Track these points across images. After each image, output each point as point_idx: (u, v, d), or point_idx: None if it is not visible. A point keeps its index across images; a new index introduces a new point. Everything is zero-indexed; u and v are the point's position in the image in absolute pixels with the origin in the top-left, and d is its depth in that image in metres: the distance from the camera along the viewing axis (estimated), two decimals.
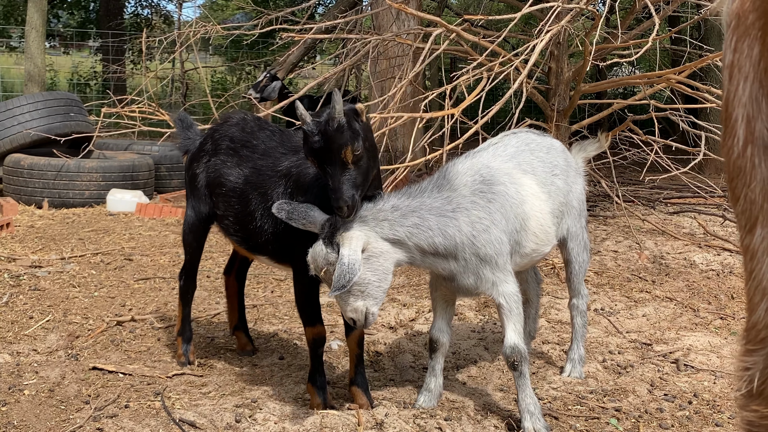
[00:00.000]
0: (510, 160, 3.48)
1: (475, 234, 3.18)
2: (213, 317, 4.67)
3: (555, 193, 3.55)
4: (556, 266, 5.75)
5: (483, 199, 3.24)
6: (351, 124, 3.02)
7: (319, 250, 3.05)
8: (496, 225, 3.23)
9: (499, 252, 3.24)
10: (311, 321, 3.42)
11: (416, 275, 5.59)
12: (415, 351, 4.13)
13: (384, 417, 3.28)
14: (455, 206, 3.19)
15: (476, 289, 3.29)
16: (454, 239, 3.16)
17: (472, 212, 3.20)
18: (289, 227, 3.35)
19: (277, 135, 3.66)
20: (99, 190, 7.88)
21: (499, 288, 3.26)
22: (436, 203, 3.19)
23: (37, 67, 11.26)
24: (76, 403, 3.38)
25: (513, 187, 3.35)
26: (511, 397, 3.57)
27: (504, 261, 3.27)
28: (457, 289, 3.34)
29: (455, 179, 3.28)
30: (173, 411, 3.32)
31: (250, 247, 3.59)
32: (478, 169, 3.33)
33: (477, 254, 3.19)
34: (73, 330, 4.23)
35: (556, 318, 4.74)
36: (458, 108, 5.82)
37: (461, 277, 3.24)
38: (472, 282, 3.25)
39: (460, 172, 3.31)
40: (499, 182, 3.31)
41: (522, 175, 3.45)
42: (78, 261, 5.69)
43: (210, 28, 7.95)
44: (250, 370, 3.85)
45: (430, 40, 6.33)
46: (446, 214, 3.17)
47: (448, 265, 3.22)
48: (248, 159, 3.58)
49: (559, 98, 7.55)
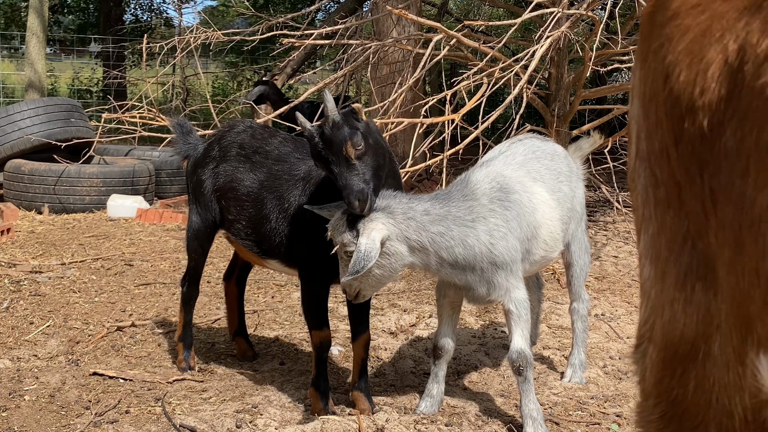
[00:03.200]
0: (520, 168, 3.51)
1: (493, 242, 3.20)
2: (213, 323, 4.66)
3: (563, 199, 3.58)
4: (556, 272, 5.75)
5: (500, 207, 3.26)
6: (348, 121, 3.07)
7: (340, 226, 3.09)
8: (512, 232, 3.25)
9: (514, 259, 3.25)
10: (318, 324, 3.43)
11: (416, 281, 5.59)
12: (415, 356, 4.13)
13: (385, 422, 3.28)
14: (475, 216, 3.22)
15: (488, 297, 3.30)
16: (474, 249, 3.18)
17: (490, 220, 3.22)
18: (302, 230, 3.38)
19: (290, 141, 3.71)
20: (99, 195, 7.88)
21: (511, 294, 3.27)
22: (460, 212, 3.21)
23: (37, 73, 11.27)
24: (77, 409, 3.38)
25: (526, 196, 3.37)
26: (512, 402, 3.57)
27: (517, 268, 3.28)
28: (470, 298, 3.36)
29: (476, 188, 3.31)
30: (174, 416, 3.32)
31: (262, 251, 3.61)
32: (494, 177, 3.36)
33: (493, 262, 3.20)
34: (73, 335, 4.23)
35: (557, 323, 4.74)
36: (459, 113, 5.83)
37: (476, 287, 3.25)
38: (485, 291, 3.26)
39: (480, 180, 3.34)
40: (514, 190, 3.34)
41: (533, 183, 3.47)
42: (78, 266, 5.69)
43: (211, 33, 7.96)
44: (250, 376, 3.85)
45: (431, 45, 6.34)
46: (467, 224, 3.19)
47: (465, 276, 3.23)
48: (262, 165, 3.62)
49: (560, 104, 7.57)
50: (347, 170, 3.04)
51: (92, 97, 16.52)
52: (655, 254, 1.21)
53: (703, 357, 1.11)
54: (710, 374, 1.11)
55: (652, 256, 1.22)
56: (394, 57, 8.16)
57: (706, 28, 1.07)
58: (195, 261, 3.93)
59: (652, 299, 1.23)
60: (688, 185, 1.09)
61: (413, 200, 3.21)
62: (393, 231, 3.09)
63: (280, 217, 3.49)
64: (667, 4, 1.17)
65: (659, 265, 1.20)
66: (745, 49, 0.99)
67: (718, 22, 1.05)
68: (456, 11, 17.95)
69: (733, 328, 1.06)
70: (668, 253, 1.16)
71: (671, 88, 1.10)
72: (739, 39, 1.01)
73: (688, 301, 1.12)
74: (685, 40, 1.10)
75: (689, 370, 1.14)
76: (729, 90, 1.01)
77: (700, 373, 1.12)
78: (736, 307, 1.03)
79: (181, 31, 15.35)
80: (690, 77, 1.07)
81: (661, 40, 1.16)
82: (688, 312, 1.12)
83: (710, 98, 1.03)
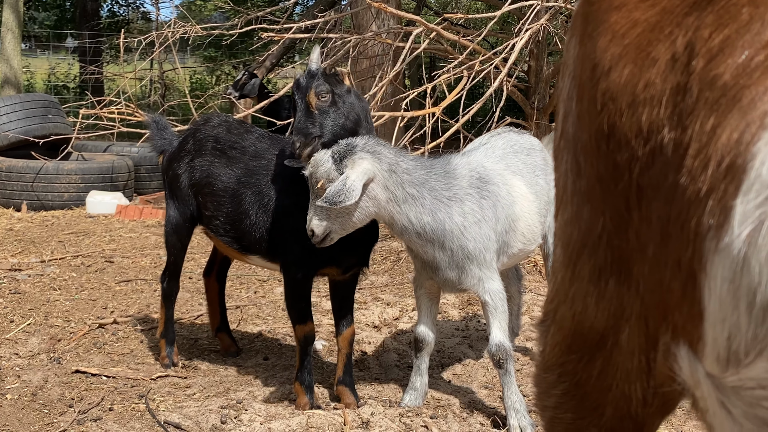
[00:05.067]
0: (500, 162, 3.53)
1: (466, 226, 3.20)
2: (196, 319, 4.64)
3: (540, 193, 3.60)
4: (538, 263, 5.77)
5: (478, 194, 3.29)
6: (326, 76, 3.18)
7: (325, 161, 3.07)
8: (487, 221, 3.26)
9: (487, 248, 3.26)
10: (302, 319, 3.42)
11: (399, 274, 5.60)
12: (399, 350, 4.13)
13: (370, 416, 3.29)
14: (452, 194, 3.23)
15: (460, 284, 3.30)
16: (443, 225, 3.17)
17: (465, 204, 3.23)
18: (283, 224, 3.37)
19: (266, 138, 3.70)
20: (78, 192, 7.82)
21: (485, 285, 3.28)
22: (438, 186, 3.23)
23: (13, 69, 11.16)
24: (60, 407, 3.36)
25: (505, 188, 3.39)
26: (496, 394, 3.59)
27: (491, 258, 3.29)
28: (441, 283, 3.35)
29: (457, 170, 3.34)
30: (158, 413, 3.31)
31: (243, 247, 3.59)
32: (474, 167, 3.38)
33: (464, 247, 3.20)
34: (54, 333, 4.20)
35: (539, 315, 4.76)
36: (439, 106, 5.83)
37: (445, 270, 3.25)
38: (456, 276, 3.26)
39: (461, 165, 3.38)
40: (492, 182, 3.36)
41: (512, 176, 3.50)
42: (58, 264, 5.64)
43: (189, 27, 7.91)
44: (234, 372, 3.84)
45: (410, 39, 6.33)
46: (442, 200, 3.20)
47: (432, 252, 3.22)
48: (239, 160, 3.60)
49: (539, 96, 7.60)
50: (305, 115, 3.12)
51: (69, 93, 16.36)
52: (566, 240, 1.26)
53: (611, 346, 1.17)
54: (615, 362, 1.18)
55: (564, 241, 1.27)
56: (374, 51, 8.15)
57: (656, 23, 1.08)
58: (174, 256, 3.91)
59: (558, 282, 1.29)
60: (612, 181, 1.11)
61: (399, 155, 3.22)
62: (378, 176, 3.09)
63: (259, 213, 3.47)
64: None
65: (568, 253, 1.24)
66: (694, 44, 1.00)
67: (668, 17, 1.06)
68: (435, 4, 17.96)
69: (647, 319, 1.10)
70: (581, 246, 1.20)
71: (613, 80, 1.11)
72: (688, 34, 1.02)
73: (602, 295, 1.17)
74: (632, 34, 1.11)
75: (595, 358, 1.21)
76: (674, 85, 1.02)
77: (606, 360, 1.19)
78: (656, 300, 1.06)
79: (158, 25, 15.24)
80: (635, 71, 1.08)
81: (604, 27, 1.16)
82: (600, 306, 1.17)
83: (653, 93, 1.04)
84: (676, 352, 1.03)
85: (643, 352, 1.12)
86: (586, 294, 1.18)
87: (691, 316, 0.96)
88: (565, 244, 1.24)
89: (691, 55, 1.00)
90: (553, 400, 1.31)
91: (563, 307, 1.24)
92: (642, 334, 1.11)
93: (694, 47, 1.00)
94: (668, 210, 0.99)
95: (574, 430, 1.29)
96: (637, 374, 1.15)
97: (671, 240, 0.99)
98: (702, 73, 0.98)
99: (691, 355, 0.99)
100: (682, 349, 1.01)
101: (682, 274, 0.97)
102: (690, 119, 0.97)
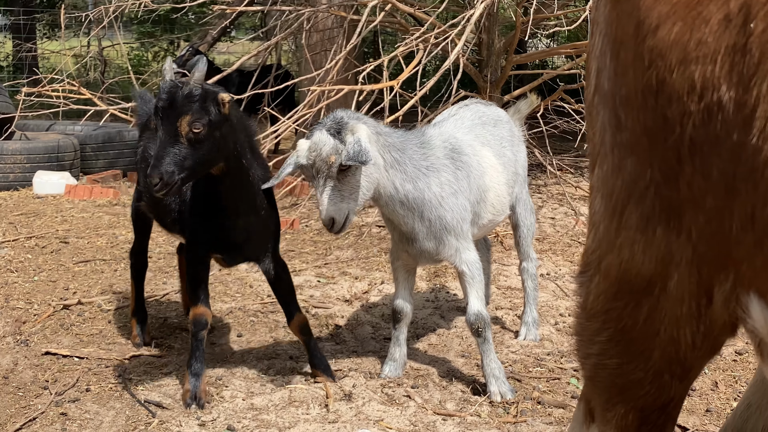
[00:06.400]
0: (469, 132, 3.56)
1: (444, 196, 3.22)
2: (162, 297, 4.57)
3: (507, 164, 3.65)
4: (499, 235, 5.84)
5: (452, 165, 3.31)
6: (204, 102, 2.81)
7: (326, 140, 2.98)
8: (462, 192, 3.29)
9: (464, 219, 3.29)
10: (193, 299, 3.26)
11: (363, 248, 5.60)
12: (373, 322, 4.14)
13: (352, 388, 3.30)
14: (429, 164, 3.25)
15: (437, 255, 3.33)
16: (423, 194, 3.19)
17: (442, 174, 3.25)
18: (182, 200, 3.29)
19: None
20: (24, 172, 7.59)
21: (462, 255, 3.31)
22: (416, 155, 3.24)
23: None
24: (34, 389, 3.28)
25: (475, 159, 3.43)
26: (473, 362, 3.63)
27: (467, 229, 3.33)
28: (418, 254, 3.36)
29: (432, 141, 3.36)
30: (137, 393, 3.26)
31: (164, 225, 3.56)
32: (446, 138, 3.40)
33: (442, 217, 3.22)
34: (18, 315, 4.09)
35: (505, 284, 4.83)
36: (398, 80, 5.82)
37: (423, 241, 3.27)
38: (434, 246, 3.28)
39: (435, 136, 3.39)
40: (465, 153, 3.39)
41: (481, 147, 3.53)
42: (12, 245, 5.49)
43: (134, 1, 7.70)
44: (209, 349, 3.79)
45: (366, 11, 6.30)
46: (421, 169, 3.22)
47: (412, 223, 3.23)
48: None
49: (491, 69, 7.63)
50: (169, 143, 2.76)
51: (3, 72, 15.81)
52: (608, 191, 1.27)
53: (658, 292, 1.21)
54: (663, 307, 1.21)
55: (605, 192, 1.29)
56: (326, 24, 8.08)
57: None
58: (138, 231, 3.90)
59: (601, 232, 1.31)
60: (661, 134, 1.13)
61: (378, 122, 3.22)
62: (372, 138, 3.08)
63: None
64: None
65: (612, 204, 1.26)
66: (750, 6, 1.02)
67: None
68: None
69: (699, 267, 1.13)
70: (627, 196, 1.22)
71: (661, 37, 1.12)
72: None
73: (649, 243, 1.19)
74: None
75: (642, 304, 1.24)
76: (730, 44, 1.03)
77: (653, 306, 1.22)
78: (714, 249, 1.08)
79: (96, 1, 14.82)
80: (685, 29, 1.09)
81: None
82: (648, 253, 1.20)
83: (706, 51, 1.06)
84: (745, 300, 1.05)
85: (694, 298, 1.15)
86: (634, 242, 1.20)
87: (765, 268, 0.99)
88: (607, 195, 1.26)
89: (747, 17, 1.01)
90: (597, 347, 1.33)
91: (609, 256, 1.26)
92: (693, 281, 1.14)
93: (750, 9, 1.01)
94: (734, 167, 1.01)
95: (620, 375, 1.31)
96: (687, 319, 1.18)
97: (740, 195, 1.01)
98: (763, 36, 0.99)
99: (763, 304, 1.02)
100: (752, 298, 1.04)
101: (757, 229, 0.99)
102: (754, 80, 0.99)
